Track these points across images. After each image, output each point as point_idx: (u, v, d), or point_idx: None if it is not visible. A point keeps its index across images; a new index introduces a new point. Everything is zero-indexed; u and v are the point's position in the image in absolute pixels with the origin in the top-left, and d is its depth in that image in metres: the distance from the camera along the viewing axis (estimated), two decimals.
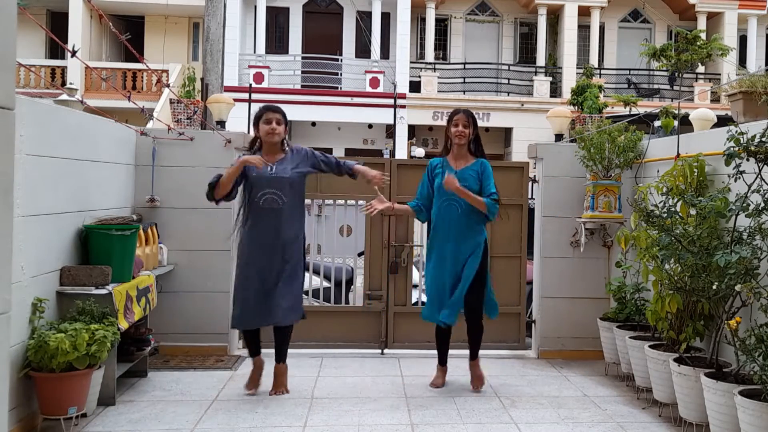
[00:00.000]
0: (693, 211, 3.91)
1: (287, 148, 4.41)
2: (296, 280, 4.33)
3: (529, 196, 5.99)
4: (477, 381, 4.67)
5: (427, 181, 4.66)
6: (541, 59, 19.16)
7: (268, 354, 4.53)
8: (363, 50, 18.89)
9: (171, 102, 12.81)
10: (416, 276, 6.18)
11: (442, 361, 4.77)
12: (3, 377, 1.45)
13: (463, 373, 5.08)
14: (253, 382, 4.49)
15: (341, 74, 18.36)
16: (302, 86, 18.16)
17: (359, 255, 6.31)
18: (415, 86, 18.25)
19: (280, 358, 4.47)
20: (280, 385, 4.46)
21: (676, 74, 17.64)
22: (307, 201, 5.89)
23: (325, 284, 6.50)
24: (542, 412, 4.20)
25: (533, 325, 5.73)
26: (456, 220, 4.48)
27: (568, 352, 5.55)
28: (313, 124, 18.46)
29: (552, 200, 5.61)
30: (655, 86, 18.87)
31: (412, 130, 18.77)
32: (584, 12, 18.98)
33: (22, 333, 3.59)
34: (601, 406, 4.35)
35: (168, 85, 10.84)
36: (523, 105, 18.02)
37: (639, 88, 18.55)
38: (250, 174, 4.27)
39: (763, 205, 3.38)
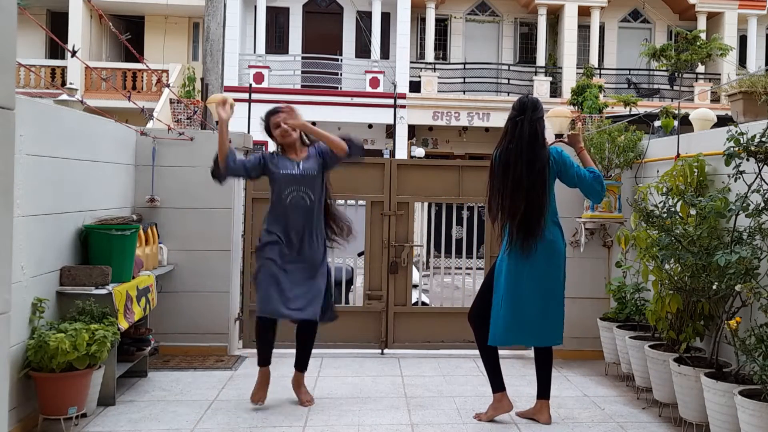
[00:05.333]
0: (693, 211, 3.91)
1: (309, 144, 4.25)
2: (322, 280, 4.14)
3: None
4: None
5: None
6: (541, 59, 19.15)
7: (281, 354, 4.33)
8: (363, 50, 18.88)
9: (171, 102, 12.83)
10: (416, 276, 6.18)
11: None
12: (3, 377, 1.45)
13: (463, 373, 5.09)
14: (260, 394, 4.20)
15: (341, 74, 18.35)
16: (302, 86, 18.15)
17: (359, 255, 6.32)
18: (415, 86, 18.23)
19: (300, 365, 4.31)
20: (306, 399, 4.26)
21: (676, 74, 17.63)
22: None
23: None
24: None
25: None
26: None
27: (568, 352, 5.54)
28: (314, 124, 18.41)
29: None
30: (655, 86, 18.85)
31: (412, 130, 18.75)
32: (584, 12, 18.96)
33: (22, 333, 3.59)
34: (601, 406, 4.35)
35: (168, 85, 10.86)
36: None
37: (639, 88, 18.53)
38: (275, 172, 4.10)
39: (763, 205, 3.38)
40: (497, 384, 4.03)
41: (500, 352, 4.08)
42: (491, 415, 4.02)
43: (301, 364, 4.32)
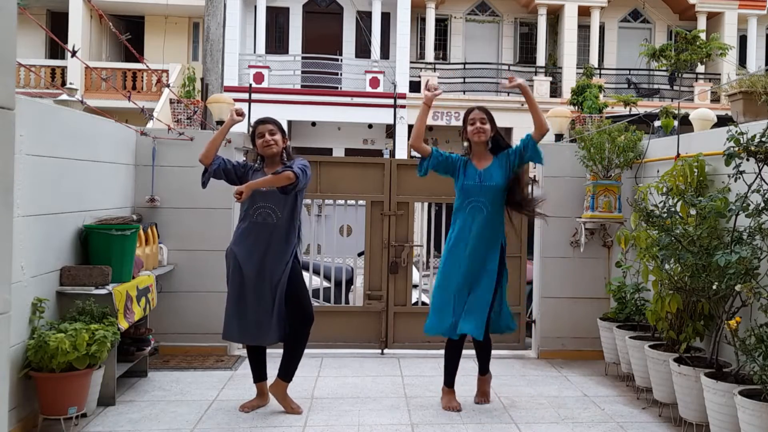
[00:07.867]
0: (693, 211, 3.91)
1: (286, 161, 4.07)
2: (281, 300, 3.98)
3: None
4: (483, 397, 4.41)
5: (453, 160, 4.25)
6: (541, 59, 19.14)
7: (279, 354, 4.22)
8: (363, 50, 18.87)
9: (171, 102, 12.79)
10: (416, 276, 6.18)
11: (451, 382, 4.31)
12: (3, 377, 1.45)
13: (463, 373, 5.08)
14: (251, 406, 4.17)
15: (341, 74, 18.35)
16: (302, 86, 18.14)
17: (359, 255, 6.32)
18: (415, 86, 18.22)
19: (282, 373, 4.12)
20: (293, 407, 4.14)
21: (676, 74, 17.62)
22: (307, 201, 5.91)
23: (325, 284, 6.51)
24: (542, 412, 4.20)
25: (533, 325, 5.74)
26: (480, 224, 4.10)
27: (568, 352, 5.55)
28: (313, 124, 18.44)
29: (552, 200, 5.61)
30: (655, 86, 18.84)
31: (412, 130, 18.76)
32: (584, 12, 18.96)
33: (22, 333, 3.59)
34: (601, 406, 4.35)
35: (168, 85, 10.85)
36: (523, 105, 17.93)
37: (639, 88, 18.52)
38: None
39: (763, 205, 3.38)
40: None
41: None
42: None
43: (283, 372, 4.10)
